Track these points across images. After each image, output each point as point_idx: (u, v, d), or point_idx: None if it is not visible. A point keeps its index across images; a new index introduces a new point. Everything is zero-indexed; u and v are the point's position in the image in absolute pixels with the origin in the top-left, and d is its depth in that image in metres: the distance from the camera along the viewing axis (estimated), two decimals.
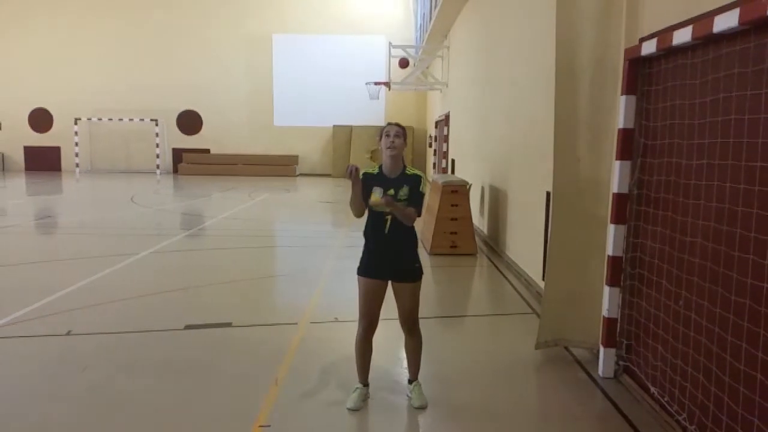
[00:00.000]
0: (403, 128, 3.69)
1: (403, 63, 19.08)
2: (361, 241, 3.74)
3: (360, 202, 3.59)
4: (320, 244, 10.16)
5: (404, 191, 3.55)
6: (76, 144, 26.97)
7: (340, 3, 27.46)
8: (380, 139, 3.66)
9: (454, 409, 3.84)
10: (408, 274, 3.68)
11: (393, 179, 3.60)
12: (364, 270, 3.69)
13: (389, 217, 3.57)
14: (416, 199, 3.58)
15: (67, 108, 27.56)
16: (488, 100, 10.60)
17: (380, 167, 3.69)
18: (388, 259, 3.64)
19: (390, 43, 19.67)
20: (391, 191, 3.54)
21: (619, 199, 4.08)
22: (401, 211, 3.49)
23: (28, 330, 5.26)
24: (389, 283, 3.71)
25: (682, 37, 3.26)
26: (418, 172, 3.68)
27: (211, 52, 27.56)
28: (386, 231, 3.59)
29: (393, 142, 3.57)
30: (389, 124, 3.69)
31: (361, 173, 3.65)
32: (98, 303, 6.09)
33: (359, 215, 3.66)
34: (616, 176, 4.08)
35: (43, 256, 8.94)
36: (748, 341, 2.79)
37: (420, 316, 3.84)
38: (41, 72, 27.67)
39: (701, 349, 3.20)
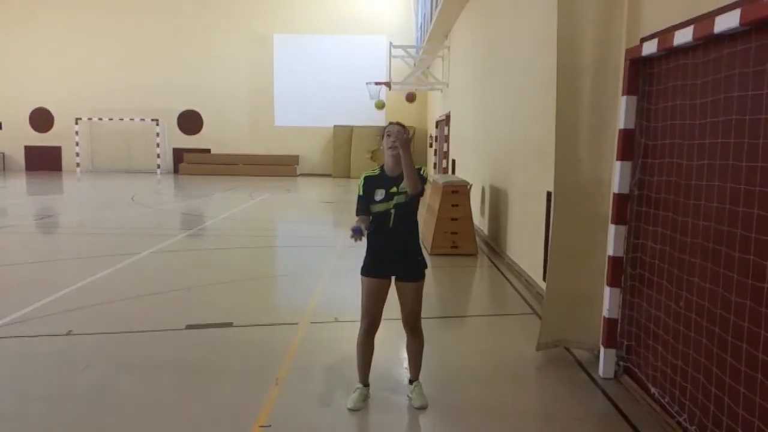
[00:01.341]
0: (404, 127, 3.69)
1: (410, 97, 19.20)
2: (363, 241, 3.74)
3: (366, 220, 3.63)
4: (321, 244, 10.16)
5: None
6: (77, 144, 27.01)
7: (341, 3, 27.47)
8: (382, 139, 3.67)
9: (455, 409, 3.84)
10: (412, 270, 3.69)
11: (395, 177, 3.61)
12: (367, 270, 3.69)
13: (393, 210, 3.58)
14: (423, 184, 3.57)
15: (68, 108, 27.59)
16: (489, 100, 10.60)
17: (381, 167, 3.70)
18: (393, 254, 3.64)
19: (391, 43, 19.68)
20: (394, 189, 3.56)
21: (620, 199, 4.08)
22: (410, 161, 3.40)
23: (28, 330, 5.26)
24: (392, 283, 3.71)
25: (683, 37, 3.25)
26: (419, 165, 3.69)
27: (211, 52, 27.58)
28: (391, 224, 3.60)
29: (395, 141, 3.58)
30: (390, 123, 3.70)
31: (362, 177, 3.68)
32: (99, 303, 6.10)
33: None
34: (616, 177, 4.08)
35: (43, 255, 8.95)
36: (748, 342, 2.79)
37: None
38: (42, 72, 27.69)
39: (702, 350, 3.20)
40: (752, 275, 2.77)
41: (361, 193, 3.67)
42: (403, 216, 3.61)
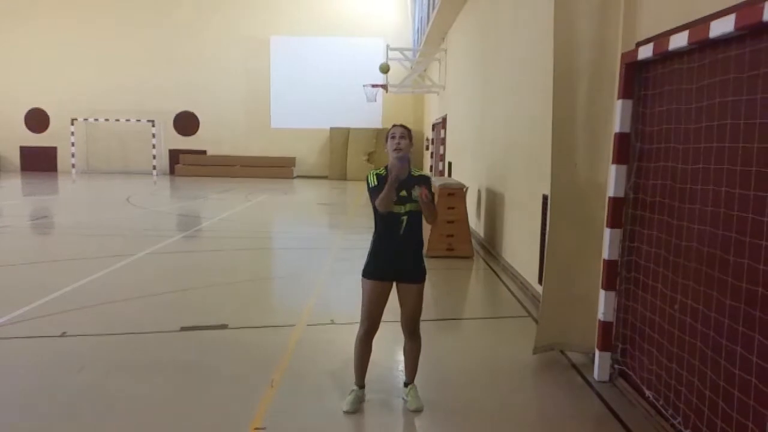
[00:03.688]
0: (408, 129, 3.70)
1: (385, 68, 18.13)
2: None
3: (392, 196, 3.50)
4: (317, 246, 10.15)
5: (417, 191, 3.56)
6: (73, 144, 26.92)
7: (337, 5, 27.51)
8: (386, 142, 3.67)
9: (450, 412, 3.84)
10: (415, 274, 3.70)
11: (402, 180, 3.59)
12: (371, 273, 3.68)
13: (405, 218, 3.58)
14: (433, 201, 3.59)
15: (64, 108, 27.52)
16: (486, 102, 10.62)
17: (386, 168, 3.67)
18: (400, 260, 3.65)
19: (387, 45, 19.69)
20: (404, 192, 3.56)
21: (615, 203, 4.09)
22: (433, 207, 3.53)
23: (23, 331, 5.24)
24: (394, 285, 3.72)
25: (679, 41, 3.27)
26: (425, 173, 3.70)
27: (208, 54, 27.57)
28: (401, 232, 3.60)
29: (399, 143, 3.58)
30: (394, 126, 3.70)
31: (373, 175, 3.63)
32: (94, 304, 6.07)
33: (386, 209, 3.54)
34: (612, 180, 4.09)
35: (38, 256, 8.92)
36: (742, 345, 2.80)
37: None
38: (38, 72, 27.63)
39: (696, 353, 3.21)
40: (746, 279, 2.78)
41: (375, 183, 3.58)
42: (413, 224, 3.62)
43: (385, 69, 17.84)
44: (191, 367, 4.49)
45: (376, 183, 3.59)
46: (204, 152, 28.23)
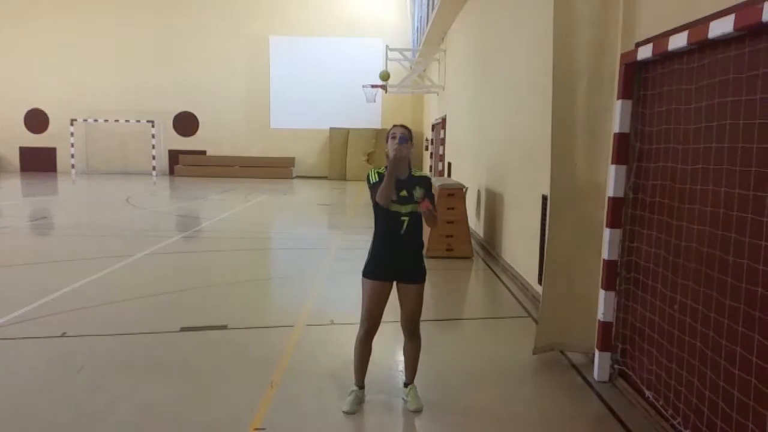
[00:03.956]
0: (409, 130, 3.70)
1: (384, 76, 18.09)
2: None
3: (393, 190, 3.50)
4: (317, 246, 10.15)
5: (418, 192, 3.57)
6: (72, 145, 26.89)
7: (337, 5, 27.52)
8: (386, 142, 3.67)
9: (450, 412, 3.84)
10: (416, 274, 3.71)
11: (403, 181, 3.60)
12: (372, 273, 3.68)
13: (406, 219, 3.58)
14: (433, 202, 3.60)
15: (63, 109, 27.50)
16: (485, 103, 10.62)
17: (387, 168, 3.67)
18: (401, 260, 3.66)
19: (387, 46, 19.70)
20: (404, 192, 3.56)
21: (615, 203, 4.09)
22: (435, 214, 3.53)
23: (23, 331, 5.24)
24: (394, 286, 3.73)
25: (678, 42, 3.28)
26: (425, 174, 3.70)
27: (208, 54, 27.56)
28: (402, 232, 3.60)
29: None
30: (394, 126, 3.70)
31: (374, 172, 3.63)
32: (93, 305, 6.08)
33: (386, 203, 3.54)
34: (611, 180, 4.10)
35: (38, 257, 8.91)
36: (742, 346, 2.80)
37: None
38: (37, 72, 27.61)
39: (696, 354, 3.21)
40: (746, 279, 2.78)
41: (376, 179, 3.58)
42: (414, 224, 3.63)
43: (385, 77, 17.98)
44: (191, 367, 4.49)
45: (377, 179, 3.59)
46: (203, 152, 28.23)
